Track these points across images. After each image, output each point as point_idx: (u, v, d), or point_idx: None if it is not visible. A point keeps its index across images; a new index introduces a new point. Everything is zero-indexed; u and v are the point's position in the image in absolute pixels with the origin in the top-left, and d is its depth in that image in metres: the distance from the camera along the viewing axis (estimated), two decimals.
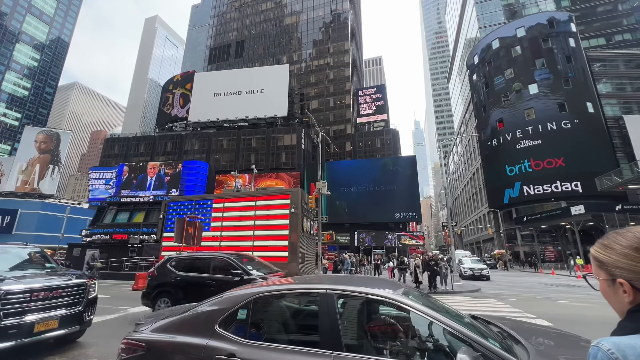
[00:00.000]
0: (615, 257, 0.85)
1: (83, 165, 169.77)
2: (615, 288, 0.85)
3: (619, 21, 52.90)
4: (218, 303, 2.58)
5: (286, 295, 2.70)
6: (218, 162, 54.09)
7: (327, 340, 2.16)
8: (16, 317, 4.11)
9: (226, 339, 2.33)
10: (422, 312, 2.16)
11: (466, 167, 65.75)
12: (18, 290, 4.17)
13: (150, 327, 2.63)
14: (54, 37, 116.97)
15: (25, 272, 4.96)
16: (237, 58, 74.07)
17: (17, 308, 4.13)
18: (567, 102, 39.83)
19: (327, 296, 2.33)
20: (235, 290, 2.79)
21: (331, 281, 2.71)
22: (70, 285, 4.83)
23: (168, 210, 21.50)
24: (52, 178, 69.42)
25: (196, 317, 2.55)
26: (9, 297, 4.06)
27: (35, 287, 4.36)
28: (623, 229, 0.89)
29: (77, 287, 4.92)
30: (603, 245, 0.91)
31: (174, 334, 2.48)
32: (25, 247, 5.78)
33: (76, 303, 4.85)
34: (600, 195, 33.01)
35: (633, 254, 0.80)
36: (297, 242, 18.07)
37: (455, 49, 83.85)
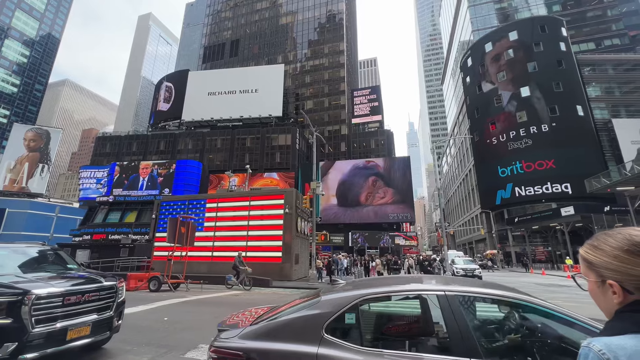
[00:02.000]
0: (605, 259, 0.85)
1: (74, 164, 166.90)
2: (604, 289, 0.86)
3: (608, 26, 54.01)
4: (318, 306, 2.33)
5: (393, 297, 2.46)
6: (212, 161, 53.71)
7: (459, 345, 1.96)
8: (47, 323, 3.76)
9: (339, 346, 2.09)
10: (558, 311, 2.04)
11: (459, 169, 66.41)
12: (50, 294, 3.84)
13: (239, 333, 2.40)
14: (44, 33, 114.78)
15: (48, 273, 4.63)
16: (232, 57, 73.69)
17: (49, 314, 3.80)
18: (558, 105, 40.52)
19: (449, 298, 2.14)
20: (334, 292, 2.52)
21: (439, 282, 2.55)
22: (102, 288, 4.50)
23: (160, 210, 21.31)
24: (41, 177, 68.09)
25: (296, 321, 2.32)
26: (40, 302, 3.73)
27: (68, 291, 4.04)
28: (612, 230, 0.90)
29: (108, 290, 4.59)
30: (593, 246, 0.91)
31: (273, 341, 2.25)
32: (44, 247, 5.42)
33: (107, 307, 4.53)
34: (590, 197, 33.65)
35: (623, 256, 0.81)
36: (291, 243, 18.05)
37: (449, 51, 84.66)
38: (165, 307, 8.87)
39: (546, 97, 41.31)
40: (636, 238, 0.82)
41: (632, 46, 51.67)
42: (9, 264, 4.55)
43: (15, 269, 4.51)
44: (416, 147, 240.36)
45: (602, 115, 43.58)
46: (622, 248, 0.83)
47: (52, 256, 5.33)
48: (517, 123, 42.27)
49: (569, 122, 39.62)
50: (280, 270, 17.70)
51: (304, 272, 19.99)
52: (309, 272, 18.18)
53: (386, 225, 47.14)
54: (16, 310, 3.58)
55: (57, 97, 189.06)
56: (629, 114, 43.56)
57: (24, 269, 4.65)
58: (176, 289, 13.98)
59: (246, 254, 18.52)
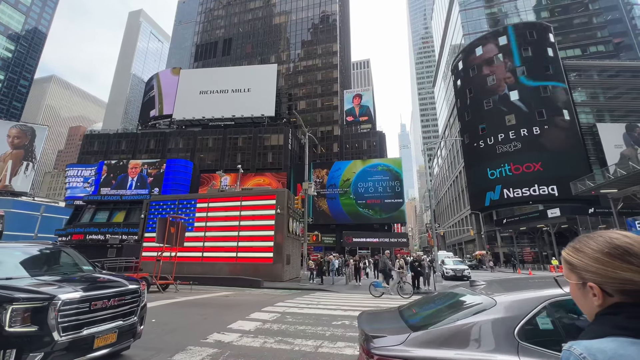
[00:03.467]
0: (586, 261, 0.86)
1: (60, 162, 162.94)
2: (585, 291, 0.87)
3: (593, 33, 55.57)
4: (497, 310, 2.08)
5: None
6: (203, 161, 53.13)
7: None
8: (74, 331, 3.52)
9: (541, 354, 1.84)
10: None
11: (450, 170, 67.28)
12: (77, 298, 3.59)
13: (404, 340, 2.15)
14: (30, 27, 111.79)
15: (68, 275, 4.36)
16: (225, 56, 73.08)
17: (76, 320, 3.55)
18: (545, 109, 41.47)
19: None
20: (509, 293, 2.27)
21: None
22: (128, 292, 4.24)
23: (150, 209, 20.98)
24: (25, 175, 66.20)
25: (473, 327, 2.07)
26: (66, 308, 3.46)
27: (95, 295, 3.80)
28: (594, 233, 0.91)
29: (132, 293, 4.32)
30: (574, 248, 0.91)
31: (449, 349, 2.00)
32: (55, 246, 5.10)
33: (132, 312, 4.27)
34: (575, 199, 34.51)
35: (604, 259, 0.82)
36: (282, 243, 18.00)
37: (441, 54, 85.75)
38: (153, 309, 8.73)
39: (534, 101, 42.23)
40: (616, 241, 0.83)
41: (616, 53, 53.30)
42: (22, 265, 4.26)
43: (31, 271, 4.22)
44: (408, 148, 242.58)
45: (587, 119, 44.81)
46: (602, 251, 0.83)
47: (65, 256, 5.03)
48: (506, 126, 43.07)
49: (556, 126, 40.59)
50: (271, 271, 17.62)
51: (295, 272, 19.94)
52: (300, 273, 18.13)
53: (377, 226, 47.40)
54: (42, 317, 3.31)
55: (43, 94, 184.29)
56: (612, 118, 44.90)
57: (38, 270, 4.35)
58: (165, 290, 13.78)
59: (237, 254, 18.40)
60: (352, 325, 6.76)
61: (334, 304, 9.99)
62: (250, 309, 8.63)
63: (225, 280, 16.51)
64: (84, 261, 5.19)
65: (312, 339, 5.65)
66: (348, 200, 48.82)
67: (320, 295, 12.80)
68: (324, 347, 5.17)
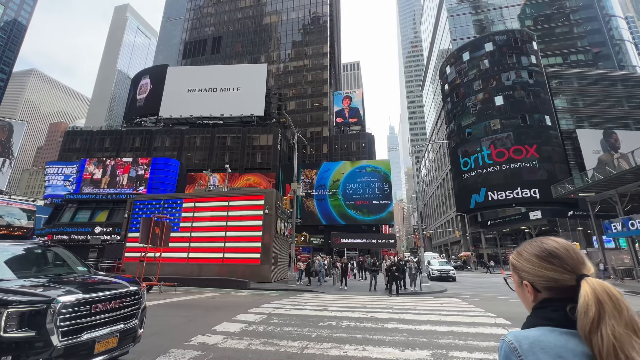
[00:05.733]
0: (523, 263, 0.99)
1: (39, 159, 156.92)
2: (523, 289, 0.99)
3: (574, 42, 57.69)
4: None
5: None
6: (190, 160, 52.27)
7: None
8: (74, 335, 3.32)
9: None
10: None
11: (437, 173, 68.42)
12: (77, 301, 3.39)
13: None
14: (9, 18, 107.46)
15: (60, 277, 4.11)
16: (214, 54, 72.16)
17: (76, 324, 3.35)
18: (528, 115, 42.76)
19: None
20: None
21: None
22: (129, 294, 4.03)
23: (134, 209, 20.48)
24: (2, 172, 63.53)
25: None
26: (66, 311, 3.26)
27: (95, 297, 3.59)
28: (534, 239, 1.02)
29: (133, 295, 4.11)
30: (517, 252, 1.03)
31: None
32: (45, 245, 4.82)
33: (133, 315, 4.06)
34: (556, 202, 35.69)
35: (534, 260, 0.95)
36: (270, 244, 17.87)
37: (429, 59, 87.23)
38: None
39: (518, 106, 43.48)
40: (545, 245, 0.95)
41: (595, 62, 55.50)
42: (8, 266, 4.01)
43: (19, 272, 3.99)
44: (396, 150, 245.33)
45: (568, 125, 46.45)
46: (534, 253, 0.96)
47: (56, 256, 4.78)
48: (491, 130, 44.17)
49: (538, 130, 41.90)
50: (258, 272, 17.46)
51: (283, 273, 19.83)
52: (288, 274, 18.04)
53: (365, 227, 47.70)
54: (40, 321, 3.12)
55: (22, 88, 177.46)
56: (591, 125, 46.68)
57: (27, 271, 4.13)
58: (149, 292, 13.44)
59: (223, 255, 18.15)
60: (338, 326, 6.77)
61: (321, 305, 9.98)
62: (235, 310, 8.52)
63: (211, 282, 16.25)
64: (78, 262, 4.98)
65: (298, 340, 5.63)
66: (337, 201, 48.97)
67: (308, 296, 12.77)
68: (310, 348, 5.15)
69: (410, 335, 5.96)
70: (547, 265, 0.92)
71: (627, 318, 0.75)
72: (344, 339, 5.74)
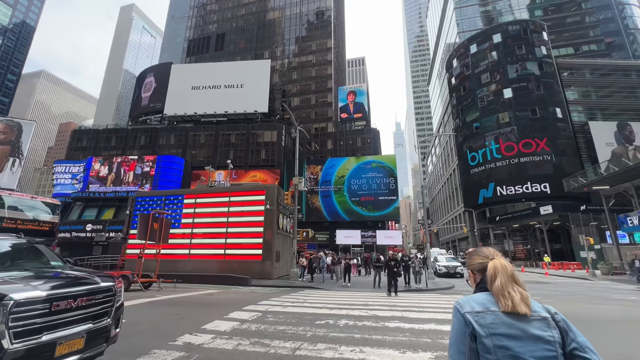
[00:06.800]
0: (468, 260, 1.57)
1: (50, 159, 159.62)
2: (470, 277, 1.56)
3: (586, 32, 55.84)
4: None
5: None
6: (195, 157, 52.27)
7: None
8: (30, 337, 2.97)
9: None
10: None
11: (444, 168, 67.34)
12: (32, 298, 3.04)
13: None
14: (17, 20, 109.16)
15: (27, 272, 3.77)
16: (217, 51, 71.95)
17: (32, 324, 3.00)
18: (539, 107, 41.51)
19: None
20: None
21: None
22: (99, 290, 3.68)
23: (135, 205, 20.34)
24: (12, 171, 64.47)
25: None
26: (19, 310, 2.93)
27: (56, 294, 3.21)
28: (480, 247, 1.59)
29: (104, 292, 3.76)
30: (467, 253, 1.66)
31: None
32: (19, 239, 4.53)
33: (104, 314, 3.72)
34: (567, 197, 34.60)
35: (472, 255, 1.55)
36: (272, 240, 17.54)
37: (436, 52, 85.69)
38: (129, 308, 8.21)
39: (527, 99, 42.24)
40: (477, 248, 1.58)
41: (608, 52, 53.66)
42: None
43: None
44: (402, 146, 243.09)
45: (579, 118, 45.00)
46: (471, 253, 1.57)
47: (30, 251, 4.46)
48: (499, 123, 43.06)
49: (549, 123, 40.66)
50: (260, 268, 17.16)
51: (285, 270, 19.50)
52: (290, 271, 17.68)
53: (371, 224, 47.16)
54: None
55: (32, 89, 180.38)
56: (604, 117, 45.15)
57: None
58: (148, 289, 13.25)
59: (225, 251, 17.89)
60: (336, 324, 6.36)
61: (321, 302, 9.59)
62: (231, 307, 8.18)
63: (212, 278, 16.00)
64: (54, 257, 4.65)
65: (291, 340, 5.23)
66: (342, 197, 48.48)
67: (309, 293, 12.39)
68: (302, 349, 4.75)
69: (412, 335, 5.51)
70: (476, 256, 1.51)
71: (509, 274, 1.34)
72: (341, 339, 5.33)
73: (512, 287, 1.31)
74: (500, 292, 1.29)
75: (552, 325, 1.23)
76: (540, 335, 1.19)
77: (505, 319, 1.23)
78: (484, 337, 1.21)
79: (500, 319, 1.24)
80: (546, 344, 1.18)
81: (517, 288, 1.31)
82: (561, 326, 1.24)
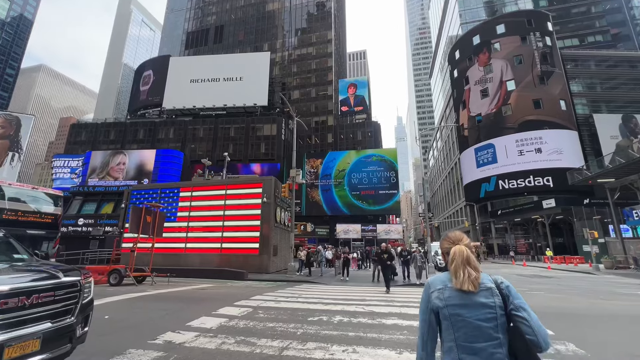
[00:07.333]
0: (440, 244, 1.77)
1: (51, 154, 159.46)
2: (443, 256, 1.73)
3: (591, 23, 54.67)
4: None
5: None
6: (194, 151, 51.87)
7: None
8: None
9: None
10: None
11: (445, 162, 66.74)
12: None
13: None
14: (15, 13, 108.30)
15: None
16: (216, 44, 71.00)
17: None
18: (542, 100, 40.75)
19: None
20: None
21: None
22: (59, 286, 3.32)
23: (131, 199, 20.01)
24: (11, 166, 64.47)
25: None
26: None
27: (3, 291, 2.95)
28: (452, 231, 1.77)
29: (67, 288, 3.41)
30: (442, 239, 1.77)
31: None
32: None
33: (67, 312, 3.37)
34: (570, 190, 34.09)
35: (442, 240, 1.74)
36: (269, 234, 17.20)
37: (438, 45, 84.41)
38: (115, 304, 7.90)
39: (531, 90, 41.45)
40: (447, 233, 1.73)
41: (614, 43, 52.57)
42: None
43: None
44: (404, 141, 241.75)
45: (584, 110, 44.23)
46: (442, 239, 1.75)
47: None
48: (502, 117, 42.36)
49: (553, 116, 39.94)
50: (257, 262, 16.85)
51: (283, 264, 19.20)
52: (288, 265, 17.38)
53: (372, 218, 46.84)
54: None
55: (32, 84, 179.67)
56: (609, 109, 44.34)
57: None
58: (141, 283, 12.96)
59: (221, 245, 17.58)
60: (330, 321, 6.00)
61: (316, 296, 9.24)
62: (221, 302, 7.84)
63: (208, 272, 15.71)
64: (20, 249, 4.29)
65: (280, 338, 4.87)
66: (343, 191, 48.10)
67: (305, 287, 12.07)
68: (291, 349, 4.39)
69: (410, 334, 5.15)
70: (445, 241, 1.71)
71: (464, 257, 1.56)
72: (333, 337, 4.97)
73: (463, 269, 1.52)
74: (454, 272, 1.55)
75: (495, 294, 1.49)
76: (484, 302, 1.47)
77: (458, 293, 1.50)
78: (442, 307, 1.51)
79: (454, 293, 1.51)
80: (489, 309, 1.45)
81: (469, 270, 1.52)
82: (504, 293, 1.50)
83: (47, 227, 13.93)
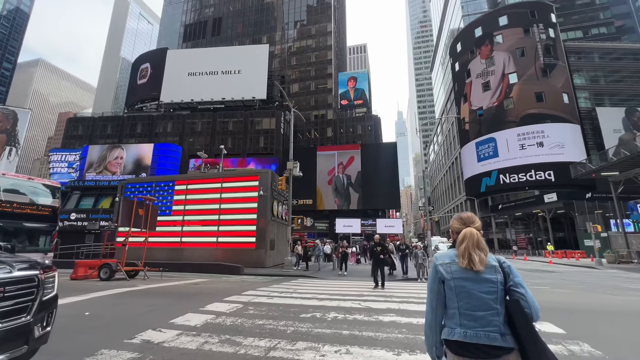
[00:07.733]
0: (452, 223, 1.92)
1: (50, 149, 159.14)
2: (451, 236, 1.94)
3: (596, 15, 53.75)
4: None
5: None
6: (192, 145, 51.32)
7: None
8: None
9: None
10: None
11: (446, 157, 66.23)
12: None
13: None
14: (11, 7, 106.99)
15: None
16: (214, 36, 69.97)
17: None
18: (545, 93, 40.13)
19: None
20: None
21: None
22: (9, 281, 2.98)
23: (125, 192, 19.61)
24: (9, 160, 64.03)
25: None
26: None
27: None
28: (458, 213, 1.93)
29: (20, 283, 3.07)
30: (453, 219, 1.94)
31: None
32: None
33: (20, 310, 3.04)
34: (571, 185, 33.70)
35: (454, 221, 1.90)
36: (265, 227, 16.84)
37: (439, 38, 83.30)
38: (100, 299, 7.55)
39: (534, 83, 40.80)
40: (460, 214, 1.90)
41: (618, 35, 51.73)
42: None
43: None
44: (404, 136, 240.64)
45: (586, 104, 43.63)
46: (454, 219, 1.91)
47: None
48: (504, 110, 41.77)
49: (555, 110, 39.35)
50: (253, 256, 16.52)
51: (280, 258, 18.87)
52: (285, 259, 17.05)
53: (371, 212, 46.49)
54: None
55: (30, 79, 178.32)
56: (612, 103, 43.75)
57: None
58: (133, 278, 12.63)
59: (217, 239, 17.23)
60: (323, 318, 5.63)
61: (311, 292, 8.88)
62: (211, 298, 7.48)
63: (203, 267, 15.38)
64: None
65: (268, 337, 4.50)
66: None
67: (301, 282, 11.73)
68: (278, 349, 4.01)
69: (409, 332, 4.77)
70: (456, 221, 1.88)
71: (475, 240, 1.70)
72: (326, 336, 4.59)
73: (474, 251, 1.68)
74: (462, 253, 1.70)
75: (498, 271, 1.66)
76: (488, 278, 1.64)
77: (464, 269, 1.68)
78: (448, 280, 1.69)
79: (461, 269, 1.69)
80: (491, 283, 1.62)
81: (478, 252, 1.68)
82: (506, 271, 1.67)
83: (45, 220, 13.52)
